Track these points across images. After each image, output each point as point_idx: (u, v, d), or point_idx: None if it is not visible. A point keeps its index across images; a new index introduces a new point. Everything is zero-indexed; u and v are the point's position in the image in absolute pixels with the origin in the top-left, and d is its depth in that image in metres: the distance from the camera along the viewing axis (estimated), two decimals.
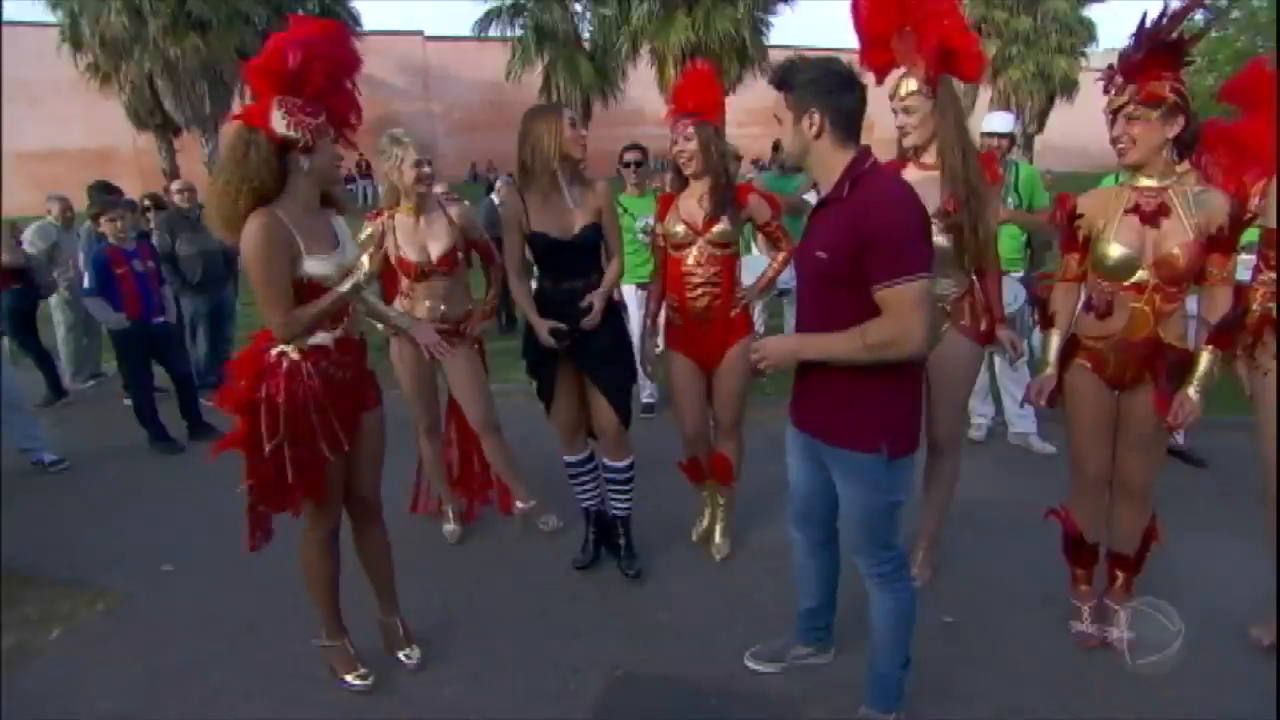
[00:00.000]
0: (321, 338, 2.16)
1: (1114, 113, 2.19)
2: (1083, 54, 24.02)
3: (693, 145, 2.68)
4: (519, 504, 3.25)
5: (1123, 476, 2.39)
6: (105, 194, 4.86)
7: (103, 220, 4.47)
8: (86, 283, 4.42)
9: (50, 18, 18.20)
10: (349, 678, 2.41)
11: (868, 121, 1.89)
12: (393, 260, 2.98)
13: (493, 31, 20.81)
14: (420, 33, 28.37)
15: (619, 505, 2.99)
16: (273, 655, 2.58)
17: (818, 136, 1.80)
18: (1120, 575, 2.50)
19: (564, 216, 2.66)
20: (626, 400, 2.83)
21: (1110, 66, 2.23)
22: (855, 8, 2.45)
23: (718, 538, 3.09)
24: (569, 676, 2.42)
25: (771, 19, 20.36)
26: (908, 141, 2.52)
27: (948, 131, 2.41)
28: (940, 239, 2.52)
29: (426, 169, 2.93)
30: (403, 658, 2.52)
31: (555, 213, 2.65)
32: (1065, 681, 2.32)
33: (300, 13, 19.82)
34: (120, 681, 2.48)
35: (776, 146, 5.89)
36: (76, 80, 18.63)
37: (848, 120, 1.80)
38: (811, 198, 1.96)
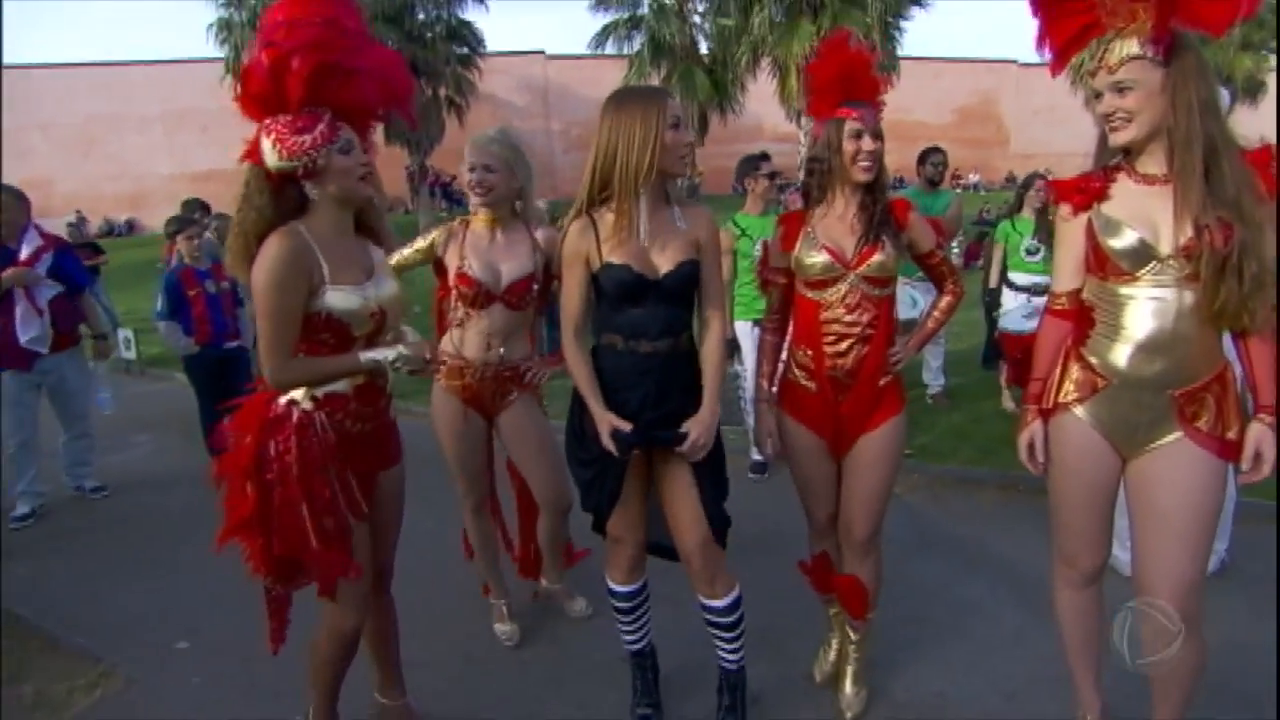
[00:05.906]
0: (339, 384, 1.82)
1: None
2: (1271, 51, 21.12)
3: (880, 145, 1.96)
4: (544, 582, 2.88)
5: None
6: (191, 211, 4.66)
7: (179, 239, 4.24)
8: (159, 306, 4.18)
9: (219, 52, 20.09)
10: None
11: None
12: (452, 277, 2.41)
13: (610, 46, 20.71)
14: (541, 52, 29.04)
15: (727, 658, 2.11)
16: None
17: None
18: None
19: (649, 249, 1.88)
20: (720, 505, 1.96)
21: None
22: None
23: (848, 686, 2.24)
24: None
25: (904, 23, 18.96)
26: (1121, 137, 1.61)
27: (1188, 120, 1.53)
28: (1169, 290, 1.63)
29: (483, 175, 2.35)
30: None
31: (636, 243, 1.86)
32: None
33: (429, 36, 20.67)
34: None
35: (922, 159, 4.90)
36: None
37: None
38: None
